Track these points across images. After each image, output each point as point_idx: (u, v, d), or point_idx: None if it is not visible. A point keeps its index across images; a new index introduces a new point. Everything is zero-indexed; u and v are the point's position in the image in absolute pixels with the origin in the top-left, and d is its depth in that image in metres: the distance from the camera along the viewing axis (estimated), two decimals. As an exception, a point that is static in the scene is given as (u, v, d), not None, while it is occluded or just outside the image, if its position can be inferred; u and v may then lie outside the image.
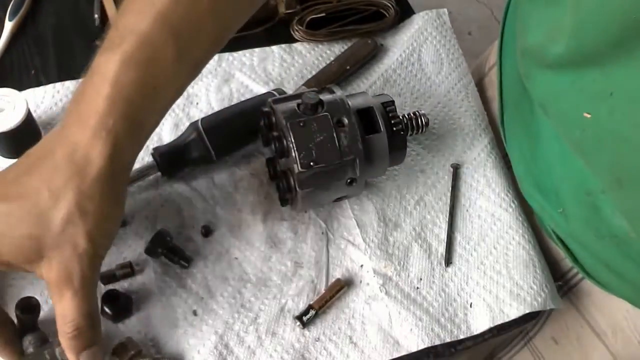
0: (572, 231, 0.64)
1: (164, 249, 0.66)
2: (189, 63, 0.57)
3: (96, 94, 0.52)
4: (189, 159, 0.71)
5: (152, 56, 0.53)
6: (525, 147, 0.68)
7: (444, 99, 0.80)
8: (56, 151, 0.51)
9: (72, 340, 0.52)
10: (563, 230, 0.66)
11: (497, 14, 2.11)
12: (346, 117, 0.63)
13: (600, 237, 0.58)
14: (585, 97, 0.51)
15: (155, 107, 0.56)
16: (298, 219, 0.71)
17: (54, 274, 0.51)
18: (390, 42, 0.84)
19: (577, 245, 0.65)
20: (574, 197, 0.60)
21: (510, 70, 0.72)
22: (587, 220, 0.59)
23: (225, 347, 0.63)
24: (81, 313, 0.51)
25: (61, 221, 0.50)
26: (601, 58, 0.47)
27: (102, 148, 0.51)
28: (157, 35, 0.53)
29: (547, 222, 0.69)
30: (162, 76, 0.54)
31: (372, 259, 0.69)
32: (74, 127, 0.52)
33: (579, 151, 0.55)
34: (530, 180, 0.68)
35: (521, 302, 0.68)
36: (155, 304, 0.65)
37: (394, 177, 0.74)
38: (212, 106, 0.76)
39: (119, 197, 0.54)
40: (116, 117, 0.51)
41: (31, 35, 0.81)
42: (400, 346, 0.65)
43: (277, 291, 0.66)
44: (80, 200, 0.50)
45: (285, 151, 0.63)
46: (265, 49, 0.82)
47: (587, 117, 0.50)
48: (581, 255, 0.66)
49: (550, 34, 0.54)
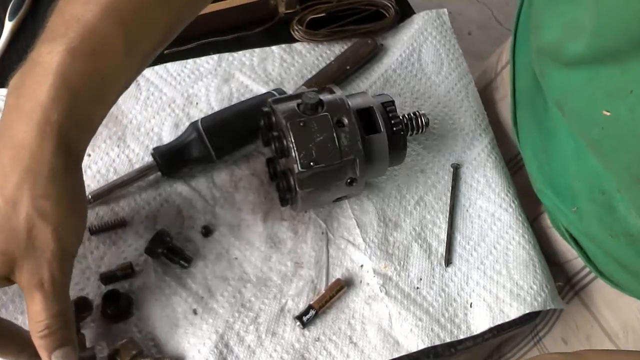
0: (586, 230, 0.63)
1: (164, 249, 0.66)
2: (138, 55, 0.55)
3: (38, 86, 0.48)
4: (189, 159, 0.71)
5: (100, 48, 0.50)
6: (538, 145, 0.68)
7: (444, 99, 0.80)
8: (1, 154, 0.49)
9: (43, 339, 0.51)
10: (576, 229, 0.66)
11: (497, 14, 2.11)
12: (346, 117, 0.63)
13: (615, 235, 0.58)
14: (603, 95, 0.50)
15: (103, 99, 0.53)
16: (298, 219, 0.71)
17: (25, 279, 0.50)
18: (390, 42, 0.84)
19: (590, 243, 0.65)
20: (588, 196, 0.60)
21: (524, 69, 0.71)
22: (601, 218, 0.59)
23: (225, 346, 0.63)
24: (51, 314, 0.50)
25: (24, 228, 0.48)
26: (620, 55, 0.47)
27: (49, 144, 0.48)
28: (104, 25, 0.51)
29: (560, 220, 0.68)
30: (109, 68, 0.52)
31: (372, 259, 0.69)
32: (16, 123, 0.49)
33: (595, 150, 0.55)
34: (544, 178, 0.68)
35: (521, 302, 0.68)
36: (156, 304, 0.65)
37: (394, 177, 0.74)
38: (212, 106, 0.76)
39: (77, 191, 0.52)
40: (61, 110, 0.48)
41: (31, 35, 0.81)
42: (400, 346, 0.65)
43: (277, 291, 0.67)
44: (36, 203, 0.48)
45: (285, 151, 0.63)
46: (265, 49, 0.82)
47: (606, 115, 0.49)
48: (595, 254, 0.66)
49: (568, 32, 0.53)
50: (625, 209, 0.55)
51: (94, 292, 0.65)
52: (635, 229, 0.55)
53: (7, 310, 0.63)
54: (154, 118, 0.75)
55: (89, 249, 0.67)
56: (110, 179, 0.70)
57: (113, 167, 0.72)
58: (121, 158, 0.72)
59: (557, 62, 0.57)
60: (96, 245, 0.67)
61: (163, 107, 0.76)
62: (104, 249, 0.67)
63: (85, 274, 0.65)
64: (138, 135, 0.74)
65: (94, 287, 0.65)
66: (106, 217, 0.69)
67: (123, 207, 0.70)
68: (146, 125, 0.75)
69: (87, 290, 0.65)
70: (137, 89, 0.77)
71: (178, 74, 0.79)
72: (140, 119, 0.75)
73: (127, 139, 0.74)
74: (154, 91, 0.77)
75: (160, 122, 0.75)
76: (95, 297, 0.64)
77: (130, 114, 0.76)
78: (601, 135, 0.52)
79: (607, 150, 0.53)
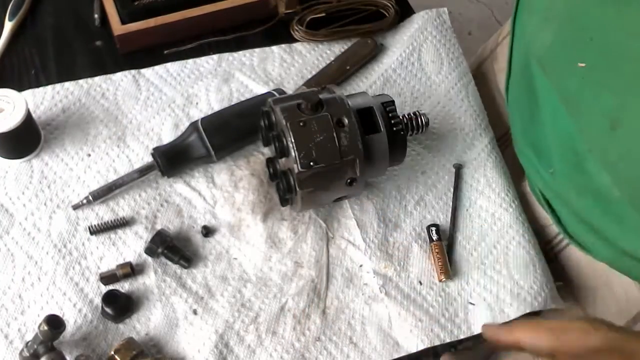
0: (559, 190, 0.65)
1: (164, 249, 0.66)
2: None
3: None
4: (189, 158, 0.71)
5: None
6: (525, 109, 0.70)
7: (444, 98, 0.80)
8: None
9: None
10: (550, 190, 0.67)
11: (497, 13, 2.11)
12: (346, 117, 0.63)
13: (583, 193, 0.60)
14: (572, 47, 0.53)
15: None
16: (298, 219, 0.71)
17: None
18: (390, 42, 0.84)
19: (563, 207, 0.67)
20: (562, 156, 0.62)
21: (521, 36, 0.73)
22: (572, 178, 0.61)
23: (225, 346, 0.63)
24: None
25: None
26: None
27: None
28: None
29: (536, 182, 0.70)
30: None
31: (372, 259, 0.69)
32: None
33: (573, 104, 0.57)
34: (526, 140, 0.70)
35: (521, 302, 0.68)
36: (156, 304, 0.65)
37: (394, 177, 0.74)
38: (212, 106, 0.76)
39: None
40: None
41: (31, 36, 0.81)
42: (400, 347, 0.65)
43: (277, 290, 0.66)
44: None
45: (285, 151, 0.63)
46: (265, 49, 0.81)
47: (582, 67, 0.52)
48: (565, 216, 0.67)
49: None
50: (595, 169, 0.57)
51: (94, 292, 0.65)
52: (603, 186, 0.56)
53: (7, 310, 0.63)
54: (154, 118, 0.75)
55: (89, 249, 0.67)
56: (110, 179, 0.70)
57: (113, 167, 0.72)
58: (121, 158, 0.72)
59: (540, 18, 0.59)
60: (96, 246, 0.67)
61: (163, 107, 0.76)
62: (104, 249, 0.67)
63: (85, 274, 0.65)
64: (138, 135, 0.74)
65: (93, 287, 0.65)
66: (106, 217, 0.69)
67: (123, 207, 0.69)
68: (146, 125, 0.75)
69: (87, 290, 0.65)
70: (137, 89, 0.77)
71: (178, 74, 0.79)
72: (140, 119, 0.75)
73: (127, 138, 0.74)
74: (154, 91, 0.77)
75: (160, 122, 0.75)
76: (95, 297, 0.64)
77: (130, 114, 0.76)
78: (580, 85, 0.54)
79: (585, 100, 0.55)
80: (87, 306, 0.64)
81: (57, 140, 0.73)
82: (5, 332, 0.62)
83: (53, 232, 0.67)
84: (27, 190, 0.70)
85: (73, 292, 0.64)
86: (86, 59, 0.80)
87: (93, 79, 0.77)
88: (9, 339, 0.62)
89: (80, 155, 0.72)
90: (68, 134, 0.74)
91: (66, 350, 0.60)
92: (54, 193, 0.70)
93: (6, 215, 0.68)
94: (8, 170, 0.71)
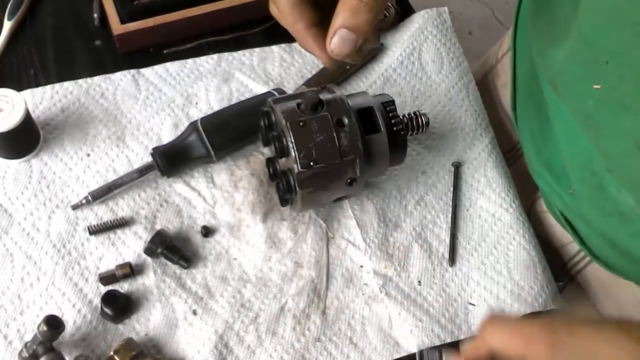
0: (580, 211, 0.64)
1: (163, 249, 0.65)
2: None
3: None
4: (189, 158, 0.70)
5: None
6: (536, 129, 0.69)
7: (445, 98, 0.80)
8: None
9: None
10: (571, 211, 0.66)
11: (498, 13, 2.11)
12: (346, 117, 0.63)
13: (607, 215, 0.59)
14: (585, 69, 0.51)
15: None
16: (298, 219, 0.70)
17: None
18: (391, 41, 0.84)
19: (584, 226, 0.66)
20: (580, 177, 0.61)
21: (523, 53, 0.72)
22: (593, 199, 0.60)
23: (225, 346, 0.63)
24: None
25: None
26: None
27: None
28: None
29: (555, 203, 0.69)
30: None
31: (372, 259, 0.69)
32: None
33: (589, 126, 0.55)
34: (541, 161, 0.69)
35: (522, 303, 0.67)
36: (155, 304, 0.64)
37: (394, 177, 0.74)
38: (211, 106, 0.76)
39: None
40: None
41: (30, 35, 0.81)
42: (400, 347, 0.65)
43: (277, 291, 0.66)
44: None
45: (285, 151, 0.63)
46: (265, 48, 0.81)
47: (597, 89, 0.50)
48: (588, 236, 0.66)
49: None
50: (615, 188, 0.56)
51: (93, 293, 0.64)
52: (626, 207, 0.55)
53: (6, 311, 0.63)
54: (153, 118, 0.75)
55: (88, 249, 0.67)
56: (109, 179, 0.70)
57: (112, 167, 0.72)
58: (120, 158, 0.72)
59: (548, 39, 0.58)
60: (95, 246, 0.67)
61: (162, 107, 0.76)
62: (103, 249, 0.67)
63: (85, 275, 0.65)
64: (137, 135, 0.74)
65: (93, 288, 0.65)
66: (106, 217, 0.68)
67: (122, 207, 0.69)
68: (145, 125, 0.75)
69: (86, 290, 0.64)
70: (136, 88, 0.77)
71: (177, 74, 0.78)
72: (140, 118, 0.75)
73: (127, 138, 0.74)
74: (153, 91, 0.77)
75: (159, 121, 0.75)
76: (95, 297, 0.64)
77: (130, 113, 0.75)
78: (597, 106, 0.52)
79: (603, 122, 0.53)
80: (86, 306, 0.64)
81: (56, 140, 0.73)
82: (4, 333, 0.62)
83: (52, 232, 0.67)
84: (26, 190, 0.70)
85: (72, 292, 0.64)
86: (85, 59, 0.80)
87: (92, 78, 0.77)
88: (8, 340, 0.62)
89: (79, 155, 0.72)
90: (67, 134, 0.73)
91: (65, 351, 0.60)
92: (53, 193, 0.70)
93: (5, 215, 0.68)
94: (7, 170, 0.71)
